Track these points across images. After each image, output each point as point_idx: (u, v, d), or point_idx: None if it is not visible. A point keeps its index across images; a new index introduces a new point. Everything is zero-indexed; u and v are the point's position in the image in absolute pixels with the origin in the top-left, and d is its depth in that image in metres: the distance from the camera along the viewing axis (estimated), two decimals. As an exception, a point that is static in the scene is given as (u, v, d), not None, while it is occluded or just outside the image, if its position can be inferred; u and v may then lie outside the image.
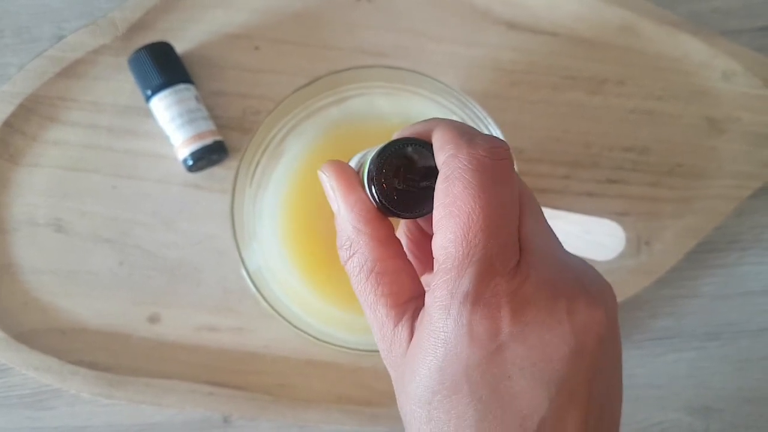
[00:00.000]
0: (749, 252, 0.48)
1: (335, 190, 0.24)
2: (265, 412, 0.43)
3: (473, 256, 0.21)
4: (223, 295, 0.44)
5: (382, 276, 0.23)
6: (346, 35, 0.46)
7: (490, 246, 0.21)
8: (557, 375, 0.21)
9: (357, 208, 0.24)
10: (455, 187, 0.21)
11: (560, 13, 0.46)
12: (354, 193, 0.24)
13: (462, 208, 0.21)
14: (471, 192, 0.21)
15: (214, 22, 0.45)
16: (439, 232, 0.22)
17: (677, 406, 0.47)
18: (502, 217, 0.21)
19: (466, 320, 0.20)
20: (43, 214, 0.44)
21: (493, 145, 0.22)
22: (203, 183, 0.45)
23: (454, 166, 0.21)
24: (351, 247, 0.24)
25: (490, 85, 0.46)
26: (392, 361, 0.23)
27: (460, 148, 0.22)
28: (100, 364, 0.43)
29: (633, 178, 0.46)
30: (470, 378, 0.21)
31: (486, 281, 0.21)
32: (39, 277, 0.44)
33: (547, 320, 0.21)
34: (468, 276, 0.21)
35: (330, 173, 0.25)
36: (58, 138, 0.44)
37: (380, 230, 0.24)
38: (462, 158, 0.21)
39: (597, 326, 0.21)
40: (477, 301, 0.20)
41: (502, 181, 0.22)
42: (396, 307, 0.23)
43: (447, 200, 0.21)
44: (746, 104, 0.47)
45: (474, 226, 0.21)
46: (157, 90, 0.42)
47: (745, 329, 0.48)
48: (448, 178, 0.21)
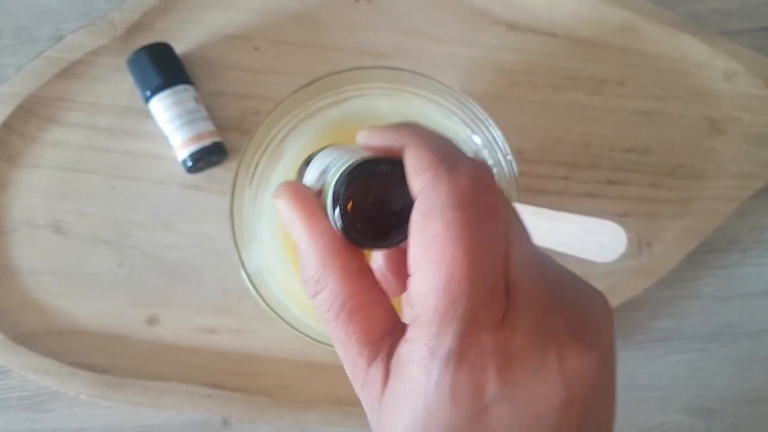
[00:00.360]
0: (750, 253, 0.48)
1: (296, 219, 0.22)
2: (264, 414, 0.43)
3: (456, 310, 0.19)
4: (222, 296, 0.44)
5: (354, 313, 0.21)
6: (345, 36, 0.46)
7: (474, 297, 0.19)
8: (546, 428, 0.19)
9: (323, 240, 0.21)
10: (435, 226, 0.19)
11: (560, 13, 0.46)
12: (318, 224, 0.22)
13: (443, 252, 0.19)
14: (452, 234, 0.19)
15: (213, 22, 0.45)
16: (416, 276, 0.19)
17: (678, 407, 0.47)
18: (488, 261, 0.19)
19: (449, 383, 0.19)
20: (42, 215, 0.44)
21: (476, 174, 0.19)
22: (202, 184, 0.45)
23: (433, 200, 0.19)
24: (318, 281, 0.22)
25: (490, 86, 0.46)
26: (366, 400, 0.22)
27: (439, 177, 0.19)
28: (99, 365, 0.43)
29: (633, 178, 0.46)
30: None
31: (470, 339, 0.19)
32: (38, 279, 0.44)
33: (537, 374, 0.19)
34: (450, 333, 0.19)
35: (288, 200, 0.22)
36: (56, 139, 0.44)
37: (351, 263, 0.22)
38: (442, 190, 0.19)
39: (589, 372, 0.20)
40: (461, 362, 0.19)
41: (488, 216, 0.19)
42: (369, 345, 0.21)
43: (425, 241, 0.19)
44: (746, 105, 0.47)
45: (457, 274, 0.18)
46: (156, 91, 0.42)
47: (745, 330, 0.48)
48: (426, 214, 0.19)
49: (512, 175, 0.40)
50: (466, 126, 0.41)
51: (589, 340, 0.20)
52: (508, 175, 0.40)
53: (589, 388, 0.20)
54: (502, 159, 0.40)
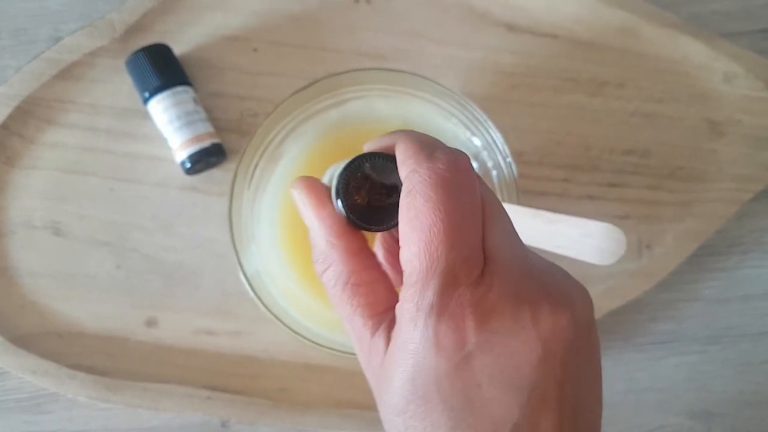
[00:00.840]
0: (750, 255, 0.48)
1: (307, 205, 0.25)
2: (263, 417, 0.43)
3: (436, 268, 0.21)
4: (221, 298, 0.44)
5: (358, 287, 0.24)
6: (344, 37, 0.46)
7: (452, 257, 0.21)
8: (527, 381, 0.21)
9: (328, 222, 0.24)
10: (417, 202, 0.21)
11: (560, 15, 0.46)
12: (325, 208, 0.25)
13: (423, 221, 0.21)
14: (431, 205, 0.21)
15: (212, 24, 0.45)
16: (404, 246, 0.22)
17: (678, 409, 0.47)
18: (464, 228, 0.21)
19: (432, 332, 0.21)
20: (41, 216, 0.44)
21: (452, 158, 0.22)
22: (201, 186, 0.45)
23: (415, 181, 0.22)
24: (325, 260, 0.25)
25: (490, 88, 0.46)
26: (371, 371, 0.24)
27: (420, 162, 0.22)
28: (98, 368, 0.43)
29: (633, 181, 0.46)
30: (441, 388, 0.21)
31: (450, 292, 0.21)
32: (36, 281, 0.44)
33: (513, 328, 0.21)
34: (432, 288, 0.21)
35: (301, 189, 0.25)
36: (55, 140, 0.44)
37: (353, 242, 0.24)
38: (422, 172, 0.22)
39: (563, 331, 0.21)
40: (442, 312, 0.21)
41: (463, 192, 0.22)
42: (372, 317, 0.23)
43: (410, 214, 0.22)
44: (747, 107, 0.47)
45: (435, 238, 0.21)
46: (154, 92, 0.42)
47: (745, 333, 0.47)
48: (410, 193, 0.22)
49: (512, 177, 0.40)
50: (465, 128, 0.41)
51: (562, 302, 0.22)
52: (507, 177, 0.40)
53: (564, 347, 0.21)
54: (501, 161, 0.40)
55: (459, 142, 0.42)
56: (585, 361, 0.23)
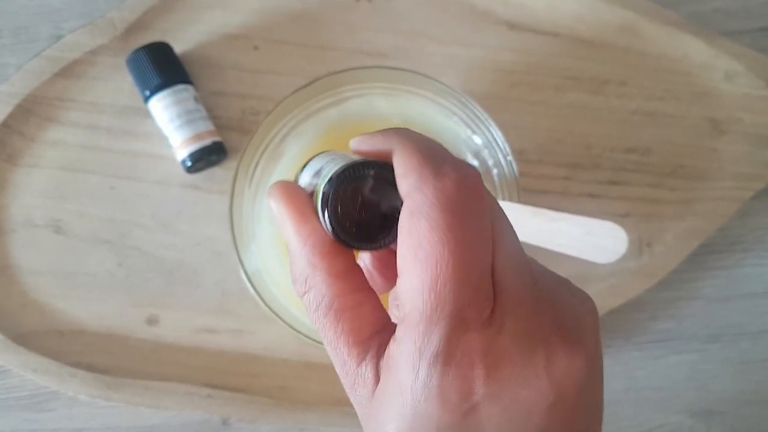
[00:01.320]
0: (750, 254, 0.48)
1: (286, 219, 0.22)
2: (264, 415, 0.43)
3: (443, 309, 0.19)
4: (221, 297, 0.44)
5: (342, 312, 0.21)
6: (345, 36, 0.46)
7: (461, 296, 0.19)
8: (535, 428, 0.20)
9: (311, 241, 0.22)
10: (421, 227, 0.19)
11: (561, 13, 0.46)
12: (307, 224, 0.22)
13: (429, 253, 0.19)
14: (439, 235, 0.19)
15: (213, 22, 0.45)
16: (404, 276, 0.20)
17: (678, 408, 0.47)
18: (474, 260, 0.19)
19: (437, 383, 0.19)
20: (42, 215, 0.44)
21: (461, 175, 0.20)
22: (202, 184, 0.45)
23: (419, 201, 0.19)
24: (306, 282, 0.22)
25: (491, 86, 0.46)
26: (357, 401, 0.22)
27: (425, 179, 0.19)
28: (99, 366, 0.43)
29: (634, 179, 0.46)
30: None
31: (457, 338, 0.19)
32: (37, 279, 0.44)
33: (524, 375, 0.19)
34: (438, 333, 0.19)
35: (279, 200, 0.22)
36: (56, 139, 0.44)
37: (338, 264, 0.22)
38: (427, 192, 0.19)
39: (577, 374, 0.20)
40: (448, 362, 0.19)
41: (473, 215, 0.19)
42: (358, 345, 0.21)
43: (412, 242, 0.19)
44: (748, 105, 0.46)
45: (443, 274, 0.19)
46: (155, 90, 0.42)
47: (746, 331, 0.47)
48: (413, 215, 0.19)
49: (513, 176, 0.40)
50: (466, 126, 0.41)
51: (577, 341, 0.20)
52: (508, 176, 0.40)
53: (577, 390, 0.20)
54: (502, 159, 0.40)
55: (460, 140, 0.42)
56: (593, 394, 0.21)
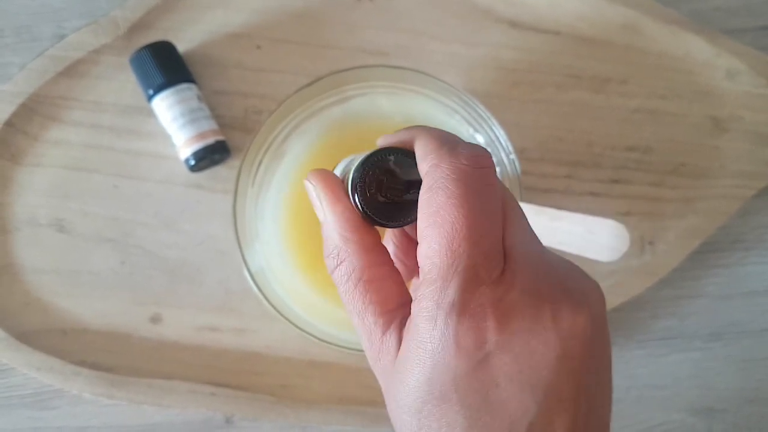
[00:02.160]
0: (752, 252, 0.48)
1: (322, 199, 0.24)
2: (267, 413, 0.43)
3: (458, 265, 0.21)
4: (224, 295, 0.44)
5: (370, 283, 0.23)
6: (347, 35, 0.46)
7: (474, 255, 0.21)
8: (544, 381, 0.21)
9: (344, 217, 0.24)
10: (438, 197, 0.21)
11: (562, 11, 0.46)
12: (340, 202, 0.24)
13: (445, 217, 0.21)
14: (454, 202, 0.21)
15: (215, 21, 0.45)
16: (423, 242, 0.22)
17: (680, 406, 0.47)
18: (486, 225, 0.21)
19: (453, 331, 0.21)
20: (45, 214, 0.44)
21: (474, 154, 0.22)
22: (205, 183, 0.45)
23: (436, 176, 0.21)
24: (338, 255, 0.24)
25: (492, 85, 0.46)
26: (381, 370, 0.23)
27: (442, 157, 0.22)
28: (102, 364, 0.43)
29: (636, 177, 0.46)
30: (459, 387, 0.21)
31: (471, 291, 0.21)
32: (41, 278, 0.44)
33: (533, 327, 0.21)
34: (453, 286, 0.21)
35: (316, 182, 0.25)
36: (59, 138, 0.44)
37: (367, 238, 0.24)
38: (444, 168, 0.21)
39: (582, 330, 0.21)
40: (463, 311, 0.21)
41: (485, 189, 0.22)
42: (384, 315, 0.23)
43: (431, 210, 0.21)
44: (749, 103, 0.47)
45: (458, 235, 0.21)
46: (158, 89, 0.42)
47: (748, 329, 0.48)
48: (431, 188, 0.21)
49: (515, 174, 0.40)
50: (468, 125, 0.41)
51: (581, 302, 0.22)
52: (510, 174, 0.40)
53: (583, 346, 0.21)
54: (504, 158, 0.40)
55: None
56: (599, 359, 0.23)
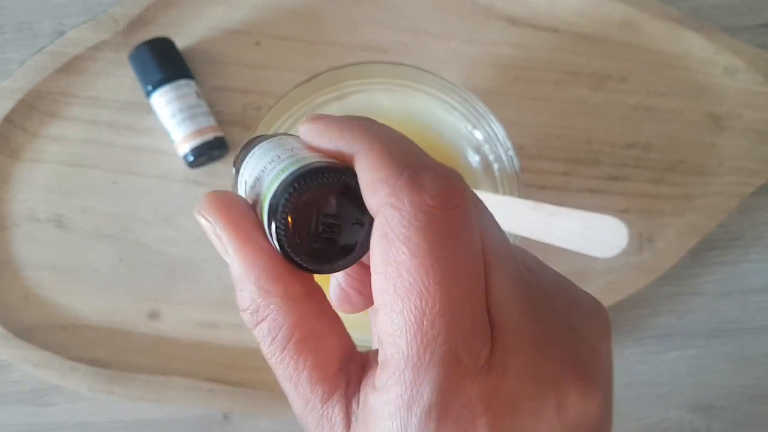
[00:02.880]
0: (751, 249, 0.48)
1: (225, 241, 0.18)
2: (264, 409, 0.43)
3: (432, 354, 0.16)
4: (223, 291, 0.44)
5: (303, 344, 0.18)
6: (346, 31, 0.46)
7: (453, 337, 0.16)
8: None
9: (259, 263, 0.18)
10: (398, 254, 0.16)
11: (562, 8, 0.46)
12: (251, 244, 0.18)
13: (412, 285, 0.16)
14: (420, 262, 0.16)
15: (214, 17, 0.45)
16: (383, 311, 0.16)
17: (678, 403, 0.47)
18: (466, 291, 0.16)
19: None
20: (44, 209, 0.44)
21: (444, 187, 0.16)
22: (204, 179, 0.45)
23: (394, 222, 0.16)
24: (258, 311, 0.18)
25: (492, 82, 0.46)
26: None
27: (398, 193, 0.16)
28: (100, 360, 0.43)
29: (635, 174, 0.46)
30: None
31: (453, 387, 0.16)
32: (39, 273, 0.44)
33: (534, 425, 0.17)
34: (428, 383, 0.16)
35: (213, 216, 0.18)
36: (58, 134, 0.44)
37: (294, 286, 0.18)
38: (403, 210, 0.16)
39: (592, 418, 0.17)
40: (444, 416, 0.16)
41: (460, 234, 0.16)
42: (323, 381, 0.18)
43: (388, 269, 0.16)
44: (748, 101, 0.47)
45: (430, 311, 0.16)
46: (157, 85, 0.42)
47: (746, 327, 0.48)
48: (388, 238, 0.16)
49: (513, 171, 0.40)
50: (467, 121, 0.41)
51: (591, 378, 0.18)
52: (509, 171, 0.40)
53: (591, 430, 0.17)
54: (503, 154, 0.40)
55: (461, 136, 0.42)
56: (606, 427, 0.19)
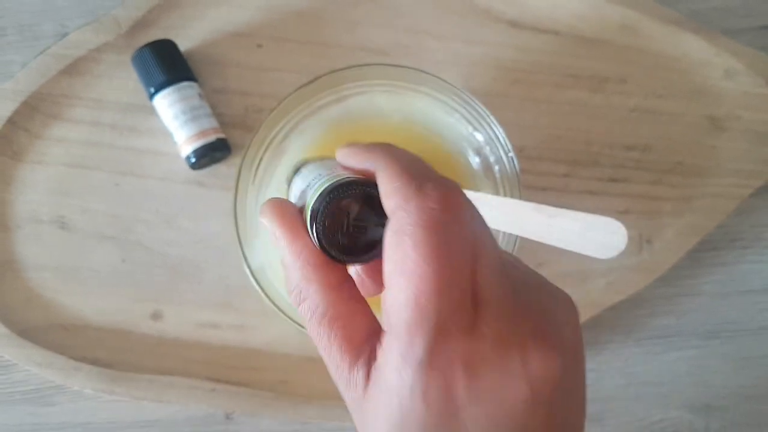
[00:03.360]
0: (750, 250, 0.48)
1: (278, 237, 0.24)
2: (266, 409, 0.44)
3: (425, 320, 0.20)
4: (225, 292, 0.45)
5: (335, 320, 0.23)
6: (347, 33, 0.46)
7: (442, 308, 0.20)
8: (514, 425, 0.21)
9: (303, 256, 0.23)
10: (404, 245, 0.20)
11: (562, 11, 0.46)
12: (298, 239, 0.23)
13: (412, 269, 0.20)
14: (421, 252, 0.20)
15: (216, 20, 0.45)
16: (390, 290, 0.21)
17: (678, 404, 0.47)
18: (456, 275, 0.21)
19: (421, 386, 0.20)
20: (47, 211, 0.44)
21: (443, 193, 0.21)
22: (206, 180, 0.45)
23: (402, 221, 0.21)
24: (301, 293, 0.23)
25: (492, 84, 0.46)
26: (350, 401, 0.23)
27: (408, 199, 0.21)
28: (103, 360, 0.43)
29: (634, 176, 0.46)
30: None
31: (439, 346, 0.20)
32: (42, 274, 0.44)
33: (502, 377, 0.21)
34: (420, 342, 0.20)
35: (271, 218, 0.24)
36: (61, 135, 0.44)
37: (330, 276, 0.23)
38: (411, 212, 0.21)
39: (552, 372, 0.21)
40: (431, 366, 0.20)
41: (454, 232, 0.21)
42: (350, 351, 0.23)
43: (396, 257, 0.21)
44: (747, 103, 0.47)
45: (426, 289, 0.20)
46: (160, 87, 0.42)
47: (745, 327, 0.48)
48: (397, 233, 0.21)
49: (514, 172, 0.40)
50: (467, 123, 0.41)
51: (552, 342, 0.22)
52: (509, 172, 0.41)
53: (553, 388, 0.21)
54: (503, 156, 0.41)
55: (461, 137, 0.42)
56: (571, 390, 0.22)
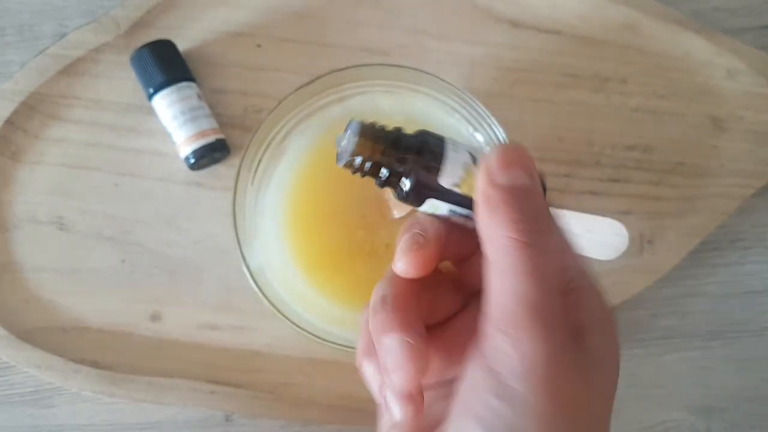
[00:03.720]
0: (752, 251, 0.48)
1: None
2: (266, 411, 0.43)
3: (535, 317, 0.22)
4: (224, 293, 0.44)
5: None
6: (347, 33, 0.46)
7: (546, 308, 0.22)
8: None
9: None
10: None
11: (563, 11, 0.46)
12: None
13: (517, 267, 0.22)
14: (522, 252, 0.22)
15: (216, 20, 0.45)
16: (495, 281, 0.22)
17: (680, 405, 0.47)
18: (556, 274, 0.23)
19: None
20: (45, 212, 0.44)
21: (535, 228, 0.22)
22: (205, 181, 0.45)
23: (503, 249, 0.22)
24: None
25: (492, 84, 0.46)
26: None
27: None
28: (102, 362, 0.43)
29: (635, 176, 0.46)
30: None
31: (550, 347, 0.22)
32: (41, 275, 0.44)
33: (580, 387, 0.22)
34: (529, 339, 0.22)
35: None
36: (60, 136, 0.44)
37: None
38: None
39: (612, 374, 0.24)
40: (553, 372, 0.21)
41: (548, 230, 0.24)
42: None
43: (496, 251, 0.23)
44: (749, 103, 0.47)
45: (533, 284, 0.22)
46: (159, 88, 0.42)
47: (747, 329, 0.48)
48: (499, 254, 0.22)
49: (514, 173, 0.40)
50: (468, 123, 0.41)
51: None
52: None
53: None
54: (504, 157, 0.40)
55: (462, 138, 0.42)
56: None
